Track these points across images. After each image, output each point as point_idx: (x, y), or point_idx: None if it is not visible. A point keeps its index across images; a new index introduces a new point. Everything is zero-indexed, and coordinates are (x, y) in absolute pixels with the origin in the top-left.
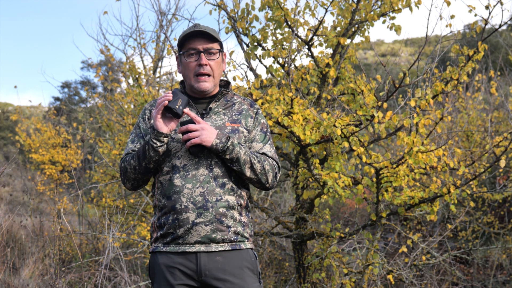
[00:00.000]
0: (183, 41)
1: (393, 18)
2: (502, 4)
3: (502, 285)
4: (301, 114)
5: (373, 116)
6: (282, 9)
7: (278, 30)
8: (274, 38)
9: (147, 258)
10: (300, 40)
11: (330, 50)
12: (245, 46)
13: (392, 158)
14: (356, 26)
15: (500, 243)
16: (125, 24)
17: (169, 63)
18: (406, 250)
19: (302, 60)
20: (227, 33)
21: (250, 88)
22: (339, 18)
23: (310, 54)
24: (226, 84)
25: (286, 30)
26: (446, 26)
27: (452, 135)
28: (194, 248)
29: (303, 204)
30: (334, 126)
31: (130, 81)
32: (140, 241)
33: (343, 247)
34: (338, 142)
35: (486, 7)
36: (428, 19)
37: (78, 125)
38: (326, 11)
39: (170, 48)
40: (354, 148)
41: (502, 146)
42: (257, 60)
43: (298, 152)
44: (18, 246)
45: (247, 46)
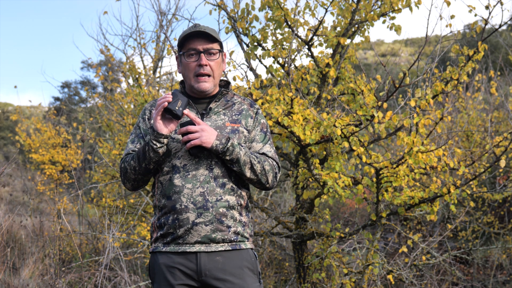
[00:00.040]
0: (183, 41)
1: (393, 18)
2: (502, 4)
3: (502, 285)
4: (301, 114)
5: (373, 116)
6: (282, 9)
7: (278, 30)
8: (274, 38)
9: (147, 258)
10: (300, 40)
11: (330, 50)
12: (245, 46)
13: (392, 158)
14: (356, 26)
15: (500, 243)
16: (125, 24)
17: (169, 63)
18: (406, 250)
19: (302, 60)
20: (227, 33)
21: (250, 88)
22: (339, 18)
23: (310, 54)
24: (226, 84)
25: (286, 30)
26: (446, 26)
27: (452, 135)
28: (194, 248)
29: (303, 204)
30: (334, 126)
31: (130, 81)
32: (140, 241)
33: (343, 247)
34: (338, 142)
35: (486, 7)
36: (428, 19)
37: (78, 125)
38: (326, 11)
39: (170, 48)
40: (354, 148)
41: (502, 146)
42: (257, 60)
43: (298, 152)
44: (18, 246)
45: (247, 46)
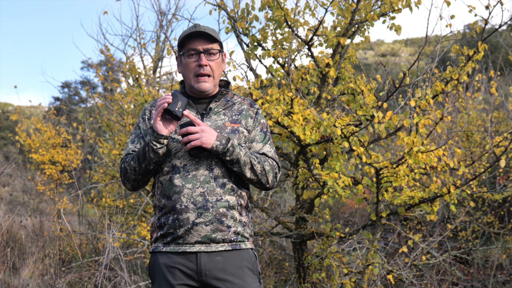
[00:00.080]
0: (183, 41)
1: (393, 18)
2: (502, 4)
3: (502, 285)
4: (301, 114)
5: (373, 116)
6: (282, 9)
7: (278, 30)
8: (274, 38)
9: (147, 258)
10: (300, 40)
11: (330, 50)
12: (245, 46)
13: (392, 158)
14: (356, 26)
15: (500, 243)
16: (125, 24)
17: (169, 63)
18: (406, 250)
19: (302, 60)
20: (227, 33)
21: (250, 88)
22: (339, 18)
23: (310, 54)
24: (226, 84)
25: (286, 30)
26: (446, 26)
27: (452, 135)
28: (194, 248)
29: (303, 204)
30: (334, 126)
31: (130, 81)
32: (140, 241)
33: (343, 247)
34: (338, 142)
35: (486, 7)
36: (428, 19)
37: (78, 125)
38: (326, 11)
39: (170, 48)
40: (354, 148)
41: (502, 146)
42: (257, 60)
43: (298, 152)
44: (18, 246)
45: (247, 46)
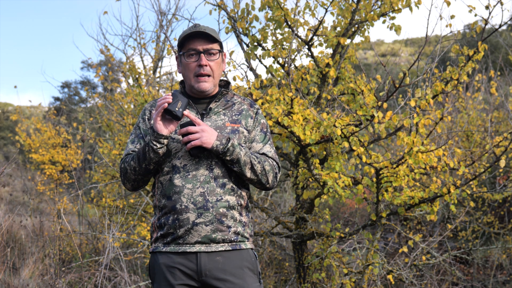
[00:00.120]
0: (183, 41)
1: (393, 18)
2: (502, 4)
3: (502, 285)
4: (301, 114)
5: (373, 116)
6: (282, 9)
7: (278, 30)
8: (274, 38)
9: (147, 258)
10: (300, 40)
11: (330, 50)
12: (245, 46)
13: (392, 158)
14: (356, 26)
15: (500, 243)
16: (125, 24)
17: (169, 63)
18: (406, 250)
19: (302, 60)
20: (227, 33)
21: (250, 88)
22: (339, 18)
23: (310, 54)
24: (226, 84)
25: (286, 30)
26: (446, 26)
27: (452, 135)
28: (195, 248)
29: (303, 204)
30: (334, 126)
31: (130, 81)
32: (140, 241)
33: (343, 247)
34: (338, 142)
35: (486, 7)
36: (428, 19)
37: (78, 125)
38: (326, 11)
39: (170, 48)
40: (354, 148)
41: (502, 146)
42: (257, 60)
43: (298, 152)
44: (18, 246)
45: (247, 46)
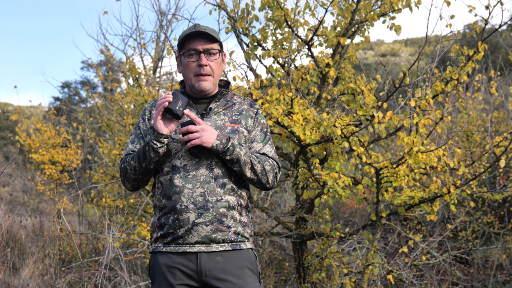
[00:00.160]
0: (183, 41)
1: (393, 18)
2: (502, 4)
3: (502, 285)
4: (301, 114)
5: (373, 116)
6: (282, 9)
7: (278, 30)
8: (274, 38)
9: (147, 258)
10: (300, 40)
11: (330, 50)
12: (245, 46)
13: (392, 158)
14: (356, 26)
15: (500, 243)
16: (125, 24)
17: (169, 63)
18: (406, 250)
19: (302, 60)
20: (227, 33)
21: (250, 88)
22: (339, 18)
23: (310, 54)
24: (226, 84)
25: (286, 30)
26: (446, 26)
27: (452, 135)
28: (195, 248)
29: (303, 204)
30: (334, 126)
31: (130, 81)
32: (140, 241)
33: (343, 247)
34: (338, 142)
35: (486, 7)
36: (428, 19)
37: (78, 125)
38: (326, 11)
39: (170, 48)
40: (354, 148)
41: (502, 146)
42: (257, 60)
43: (298, 152)
44: (18, 246)
45: (247, 46)
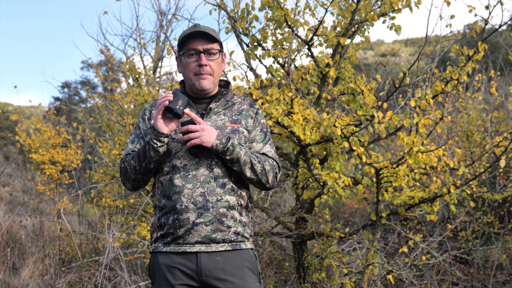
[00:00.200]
0: (183, 41)
1: (393, 18)
2: (502, 4)
3: (502, 285)
4: (301, 114)
5: (373, 116)
6: (282, 9)
7: (278, 30)
8: (274, 38)
9: (147, 258)
10: (300, 40)
11: (330, 50)
12: (245, 46)
13: (392, 158)
14: (356, 26)
15: (500, 243)
16: (125, 24)
17: (169, 63)
18: (406, 250)
19: (302, 60)
20: (227, 33)
21: (250, 88)
22: (339, 18)
23: (310, 54)
24: (226, 84)
25: (286, 30)
26: (446, 26)
27: (452, 135)
28: (195, 248)
29: (303, 204)
30: (334, 126)
31: (130, 81)
32: (140, 241)
33: (343, 247)
34: (338, 142)
35: (486, 7)
36: (428, 19)
37: (78, 125)
38: (326, 11)
39: (170, 48)
40: (354, 148)
41: (502, 146)
42: (257, 60)
43: (298, 152)
44: (18, 246)
45: (247, 46)
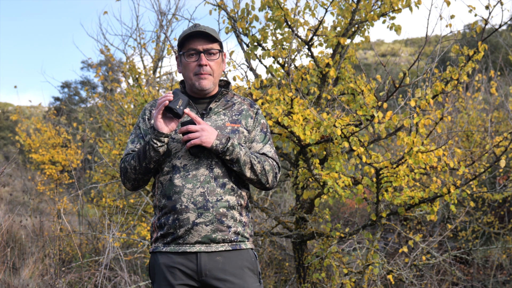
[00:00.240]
0: (183, 41)
1: (393, 18)
2: (502, 4)
3: (502, 285)
4: (301, 114)
5: (373, 116)
6: (282, 9)
7: (278, 30)
8: (274, 38)
9: (147, 258)
10: (300, 40)
11: (330, 50)
12: (245, 46)
13: (392, 158)
14: (356, 26)
15: (500, 243)
16: (125, 24)
17: (169, 63)
18: (406, 250)
19: (302, 60)
20: (227, 33)
21: (250, 88)
22: (339, 18)
23: (310, 54)
24: (226, 84)
25: (286, 30)
26: (446, 26)
27: (452, 135)
28: (195, 248)
29: (303, 204)
30: (334, 126)
31: (130, 81)
32: (140, 241)
33: (343, 247)
34: (338, 142)
35: (486, 7)
36: (428, 19)
37: (78, 125)
38: (326, 11)
39: (170, 48)
40: (354, 148)
41: (502, 146)
42: (257, 60)
43: (298, 152)
44: (18, 246)
45: (247, 46)
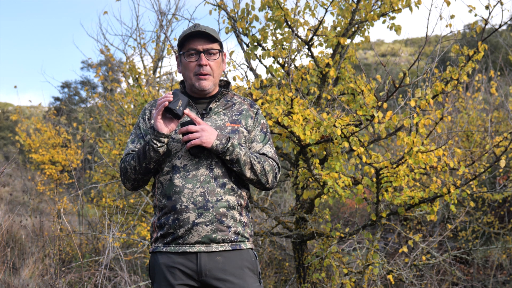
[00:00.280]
0: (183, 41)
1: (393, 18)
2: (502, 4)
3: (502, 285)
4: (301, 114)
5: (373, 116)
6: (282, 9)
7: (278, 30)
8: (274, 38)
9: (147, 258)
10: (300, 40)
11: (330, 50)
12: (245, 46)
13: (392, 158)
14: (356, 26)
15: (500, 243)
16: (125, 24)
17: (169, 63)
18: (406, 250)
19: (302, 60)
20: (227, 33)
21: (250, 88)
22: (339, 18)
23: (310, 54)
24: (226, 84)
25: (286, 30)
26: (446, 26)
27: (452, 135)
28: (195, 248)
29: (303, 204)
30: (334, 126)
31: (130, 81)
32: (140, 241)
33: (343, 247)
34: (338, 142)
35: (486, 7)
36: (428, 19)
37: (78, 125)
38: (326, 11)
39: (170, 48)
40: (354, 148)
41: (502, 146)
42: (257, 60)
43: (298, 152)
44: (18, 246)
45: (247, 46)
